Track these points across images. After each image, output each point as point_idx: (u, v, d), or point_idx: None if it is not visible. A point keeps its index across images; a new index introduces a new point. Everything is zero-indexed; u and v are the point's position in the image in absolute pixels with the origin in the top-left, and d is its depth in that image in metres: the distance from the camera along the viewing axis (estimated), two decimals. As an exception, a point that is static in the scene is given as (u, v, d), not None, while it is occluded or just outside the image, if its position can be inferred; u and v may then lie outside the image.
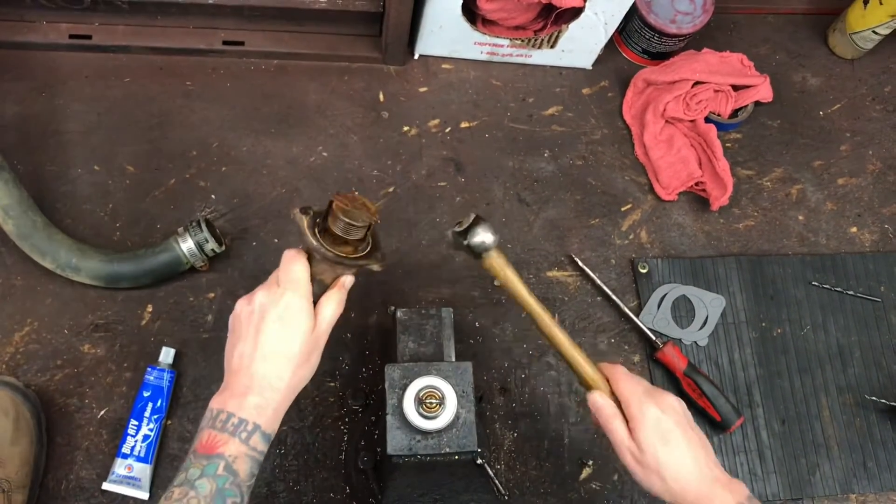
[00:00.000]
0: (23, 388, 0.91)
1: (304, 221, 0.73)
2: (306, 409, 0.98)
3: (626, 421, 0.75)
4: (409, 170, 1.13)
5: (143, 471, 0.91)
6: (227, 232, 1.05)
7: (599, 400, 0.76)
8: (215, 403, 0.68)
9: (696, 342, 1.07)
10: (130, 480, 0.91)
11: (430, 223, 1.10)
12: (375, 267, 0.77)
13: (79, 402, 0.95)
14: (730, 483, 0.72)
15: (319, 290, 0.76)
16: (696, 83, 1.15)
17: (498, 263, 0.77)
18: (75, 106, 1.09)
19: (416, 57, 1.19)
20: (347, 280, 0.76)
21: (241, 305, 0.73)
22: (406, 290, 1.05)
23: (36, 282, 0.99)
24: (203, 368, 0.98)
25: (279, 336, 0.69)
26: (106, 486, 0.91)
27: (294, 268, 0.72)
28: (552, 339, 0.79)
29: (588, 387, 0.79)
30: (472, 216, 0.75)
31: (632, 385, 0.76)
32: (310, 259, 0.74)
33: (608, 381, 0.77)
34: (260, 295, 0.71)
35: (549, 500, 0.98)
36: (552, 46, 1.16)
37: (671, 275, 1.10)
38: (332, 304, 0.74)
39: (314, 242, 0.72)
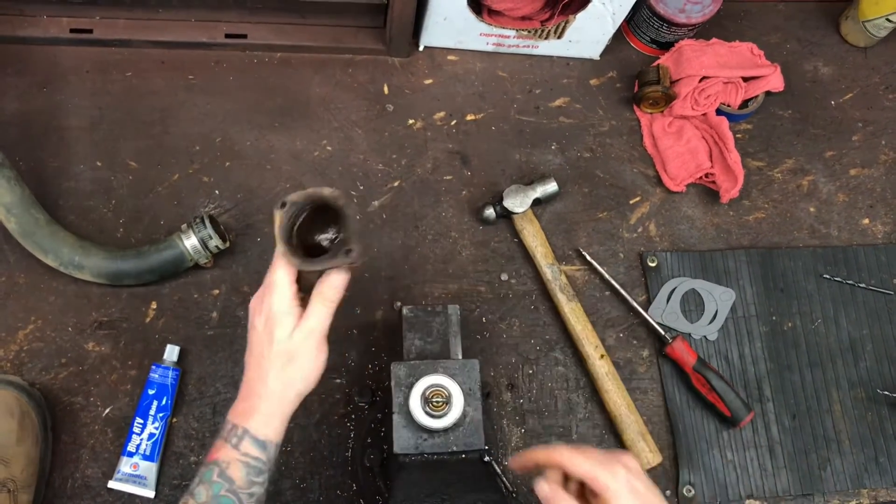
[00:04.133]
0: (27, 386, 0.91)
1: (278, 220, 0.68)
2: (312, 405, 0.97)
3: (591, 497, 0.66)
4: (414, 163, 1.11)
5: (149, 469, 0.91)
6: (231, 228, 1.04)
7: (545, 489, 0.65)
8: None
9: (705, 336, 1.06)
10: (136, 479, 0.90)
11: (435, 217, 1.09)
12: (352, 261, 0.67)
13: (84, 400, 0.94)
14: None
15: (307, 284, 0.71)
16: (705, 77, 1.13)
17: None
18: (77, 101, 1.08)
19: (421, 49, 1.17)
20: (336, 279, 0.69)
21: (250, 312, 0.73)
22: (412, 285, 1.05)
23: (39, 279, 0.98)
24: (208, 366, 0.97)
25: (262, 340, 0.69)
26: (112, 484, 0.90)
27: (275, 272, 0.70)
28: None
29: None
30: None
31: (584, 458, 0.65)
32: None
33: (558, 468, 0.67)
34: (252, 301, 0.72)
35: (558, 496, 0.97)
36: (559, 37, 1.14)
37: (680, 268, 1.09)
38: (317, 306, 0.69)
39: (282, 248, 0.68)
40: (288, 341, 0.68)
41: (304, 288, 0.70)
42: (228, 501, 0.65)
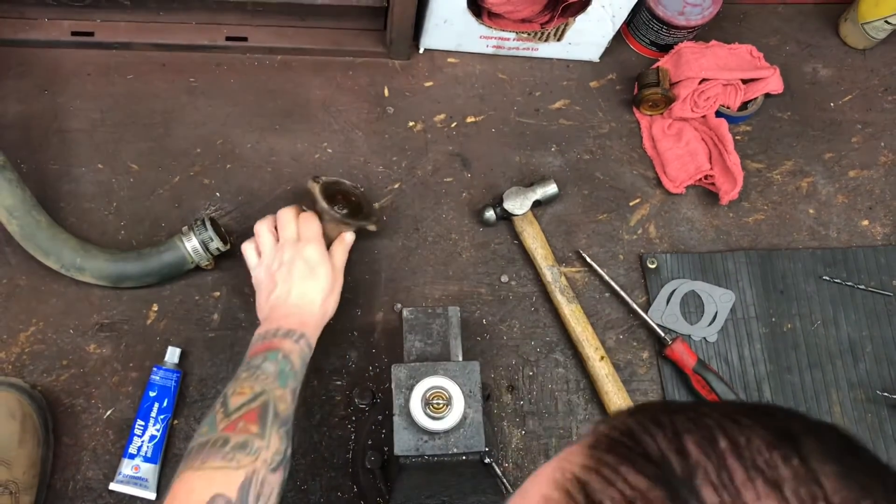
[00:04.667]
0: (29, 388, 0.91)
1: (317, 189, 0.93)
2: (313, 407, 0.97)
3: None
4: (414, 165, 1.12)
5: (150, 471, 0.91)
6: (232, 230, 1.04)
7: None
8: (260, 329, 0.83)
9: (705, 338, 1.06)
10: (137, 481, 0.90)
11: (436, 219, 1.09)
12: (371, 227, 0.98)
13: (85, 402, 0.94)
14: None
15: (326, 243, 0.94)
16: (704, 79, 1.13)
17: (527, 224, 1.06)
18: (78, 104, 1.08)
19: (422, 51, 1.18)
20: (348, 236, 0.94)
21: (266, 263, 0.89)
22: (412, 287, 1.05)
23: (40, 282, 0.98)
24: (209, 367, 0.98)
25: (307, 278, 0.86)
26: (113, 486, 0.90)
27: (310, 226, 0.90)
28: (560, 315, 1.03)
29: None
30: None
31: None
32: (321, 219, 0.93)
33: None
34: (286, 252, 0.88)
35: (558, 498, 0.97)
36: (559, 39, 1.15)
37: (680, 270, 1.09)
38: (340, 252, 0.93)
39: (325, 206, 0.92)
40: (328, 278, 0.88)
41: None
42: (293, 377, 0.78)
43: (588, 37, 1.14)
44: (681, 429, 0.33)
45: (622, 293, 1.05)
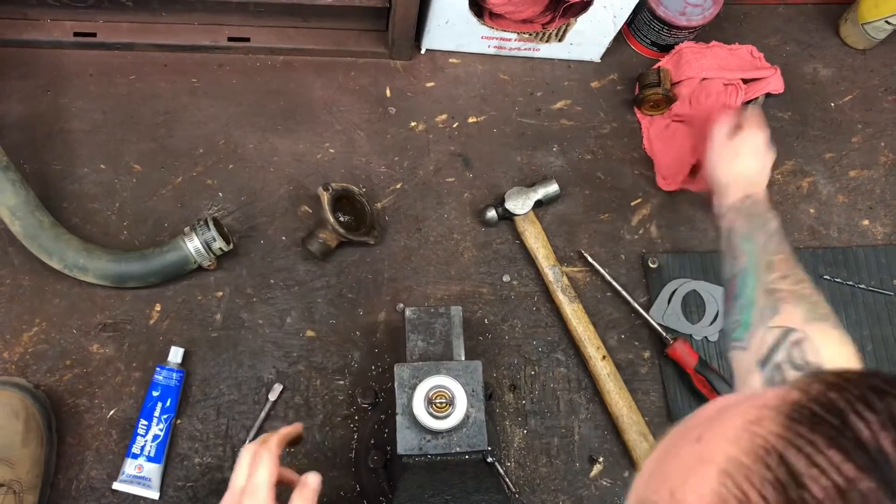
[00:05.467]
0: (32, 388, 0.91)
1: (326, 199, 0.96)
2: (315, 407, 0.98)
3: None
4: (416, 165, 1.12)
5: (154, 470, 0.91)
6: (234, 230, 1.04)
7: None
8: None
9: (706, 338, 1.06)
10: (141, 480, 0.91)
11: (437, 219, 1.09)
12: (371, 241, 1.02)
13: (88, 402, 0.95)
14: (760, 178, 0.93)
15: (323, 248, 0.99)
16: (705, 79, 1.13)
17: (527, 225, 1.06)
18: (80, 104, 1.09)
19: (423, 52, 1.18)
20: (312, 479, 0.68)
21: None
22: (414, 287, 1.05)
23: (44, 282, 0.98)
24: (212, 367, 0.98)
25: None
26: (116, 485, 0.91)
27: (258, 474, 0.66)
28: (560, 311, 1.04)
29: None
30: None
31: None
32: (324, 226, 0.98)
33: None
34: (225, 500, 0.67)
35: (560, 497, 0.98)
36: (560, 40, 1.15)
37: (681, 270, 1.09)
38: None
39: (331, 218, 0.96)
40: None
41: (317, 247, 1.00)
42: None
43: (589, 37, 1.15)
44: None
45: (624, 293, 1.05)
